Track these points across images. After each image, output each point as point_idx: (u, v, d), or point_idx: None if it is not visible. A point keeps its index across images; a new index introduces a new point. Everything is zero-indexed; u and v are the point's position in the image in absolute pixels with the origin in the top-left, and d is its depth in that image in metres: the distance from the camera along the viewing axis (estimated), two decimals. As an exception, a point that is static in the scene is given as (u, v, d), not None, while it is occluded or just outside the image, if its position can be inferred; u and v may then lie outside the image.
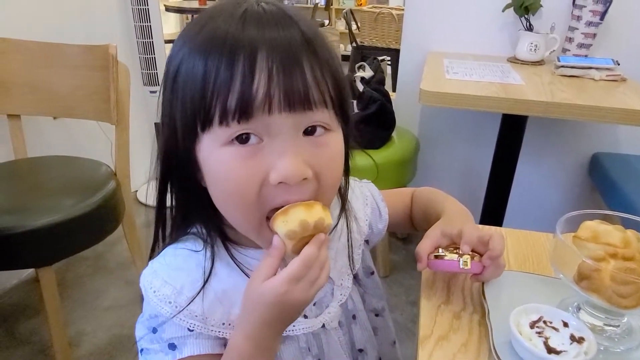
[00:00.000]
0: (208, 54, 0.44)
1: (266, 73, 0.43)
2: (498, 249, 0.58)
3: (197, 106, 0.45)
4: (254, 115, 0.44)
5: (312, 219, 0.47)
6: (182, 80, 0.47)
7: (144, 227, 2.20)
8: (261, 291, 0.47)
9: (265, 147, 0.45)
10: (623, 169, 1.74)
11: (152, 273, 0.53)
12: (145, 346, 0.53)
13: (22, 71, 1.59)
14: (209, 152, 0.47)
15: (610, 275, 0.50)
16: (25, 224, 1.24)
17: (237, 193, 0.46)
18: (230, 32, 0.44)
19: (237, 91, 0.43)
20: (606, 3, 1.63)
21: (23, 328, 1.62)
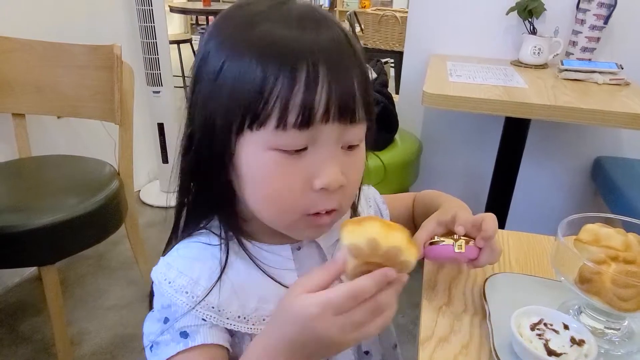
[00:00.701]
0: (269, 56, 0.45)
1: (327, 84, 0.45)
2: (490, 229, 0.58)
3: (250, 103, 0.45)
4: (313, 124, 0.45)
5: (387, 243, 0.42)
6: (232, 77, 0.46)
7: (146, 227, 2.21)
8: (293, 302, 0.43)
9: (308, 155, 0.47)
10: (626, 173, 1.73)
11: (166, 265, 0.53)
12: (154, 339, 0.52)
13: (27, 70, 1.59)
14: (252, 153, 0.47)
15: (612, 278, 0.50)
16: (29, 222, 1.24)
17: (279, 196, 0.48)
18: (290, 37, 0.45)
19: (301, 100, 0.44)
20: (610, 7, 1.63)
21: (25, 326, 1.63)
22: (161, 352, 0.51)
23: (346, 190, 0.50)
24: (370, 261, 0.43)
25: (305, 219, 0.49)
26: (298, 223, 0.50)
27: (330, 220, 0.51)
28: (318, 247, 0.58)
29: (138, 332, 1.76)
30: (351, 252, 0.42)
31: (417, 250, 0.45)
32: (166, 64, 2.31)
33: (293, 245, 0.57)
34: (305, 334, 0.42)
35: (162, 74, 2.30)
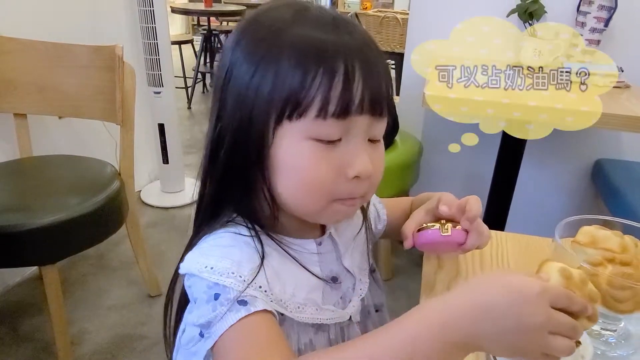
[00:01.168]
0: (308, 53, 0.49)
1: (360, 79, 0.49)
2: (474, 209, 0.61)
3: (291, 95, 0.48)
4: (350, 115, 0.49)
5: (591, 286, 0.46)
6: (271, 75, 0.50)
7: (147, 227, 2.22)
8: (509, 276, 0.42)
9: (341, 145, 0.51)
10: (626, 176, 1.73)
11: (201, 255, 0.52)
12: (205, 320, 0.48)
13: (29, 71, 1.60)
14: (290, 142, 0.50)
15: (608, 280, 0.50)
16: (30, 222, 1.25)
17: (314, 183, 0.51)
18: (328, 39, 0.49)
19: (340, 92, 0.48)
20: (611, 10, 1.63)
21: (26, 326, 1.63)
22: (217, 329, 0.47)
23: (372, 180, 0.54)
24: (572, 290, 0.44)
25: (335, 205, 0.53)
26: (328, 208, 0.53)
27: (357, 205, 0.56)
28: (334, 242, 0.62)
29: (139, 332, 1.77)
30: (562, 273, 0.45)
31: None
32: (167, 64, 2.32)
33: (316, 240, 0.60)
34: (515, 304, 0.40)
35: (163, 74, 2.31)
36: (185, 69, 4.15)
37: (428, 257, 0.72)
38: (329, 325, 0.58)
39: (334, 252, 0.62)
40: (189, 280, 0.52)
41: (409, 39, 1.96)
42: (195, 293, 0.51)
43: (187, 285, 0.53)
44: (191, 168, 2.79)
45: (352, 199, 0.54)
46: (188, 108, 4.09)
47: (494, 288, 0.41)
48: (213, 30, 4.37)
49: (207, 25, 4.26)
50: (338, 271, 0.62)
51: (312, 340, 0.57)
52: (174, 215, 2.39)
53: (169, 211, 2.42)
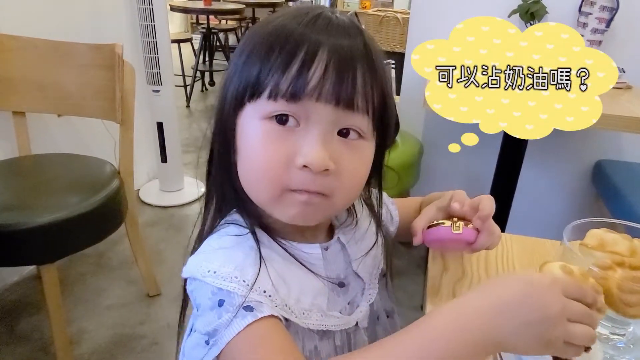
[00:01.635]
0: (274, 39, 0.49)
1: (323, 66, 0.47)
2: (487, 208, 0.60)
3: (251, 79, 0.49)
4: (302, 99, 0.47)
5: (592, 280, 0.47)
6: (245, 58, 0.51)
7: (145, 227, 2.21)
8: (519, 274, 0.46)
9: (300, 132, 0.48)
10: (627, 177, 1.73)
11: (204, 259, 0.51)
12: (212, 327, 0.47)
13: (29, 69, 1.59)
14: (248, 122, 0.50)
15: (618, 284, 0.50)
16: (29, 221, 1.24)
17: (264, 167, 0.49)
18: (298, 28, 0.49)
19: (294, 73, 0.47)
20: (612, 10, 1.63)
21: (24, 325, 1.62)
22: (223, 336, 0.46)
23: (340, 179, 0.49)
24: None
25: (289, 196, 0.50)
26: (281, 199, 0.50)
27: (318, 205, 0.50)
28: (343, 247, 0.60)
29: (137, 332, 1.76)
30: (564, 269, 0.47)
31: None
32: (166, 63, 2.31)
33: (322, 245, 0.58)
34: (529, 295, 0.41)
35: (162, 73, 2.30)
36: (184, 68, 4.13)
37: (433, 259, 0.71)
38: (334, 332, 0.57)
39: (342, 257, 0.60)
40: (192, 285, 0.51)
41: (409, 38, 1.96)
42: (198, 298, 0.50)
43: (190, 289, 0.52)
44: (190, 167, 2.78)
45: (306, 193, 0.49)
46: (187, 107, 4.08)
47: (506, 286, 0.42)
48: (212, 28, 4.35)
49: (207, 24, 4.24)
50: (346, 276, 0.60)
51: (317, 346, 0.55)
52: (173, 214, 2.38)
53: (167, 210, 2.41)
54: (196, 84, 4.25)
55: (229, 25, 5.19)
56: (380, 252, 0.66)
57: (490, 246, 0.62)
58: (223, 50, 4.69)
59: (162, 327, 1.64)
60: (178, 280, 0.54)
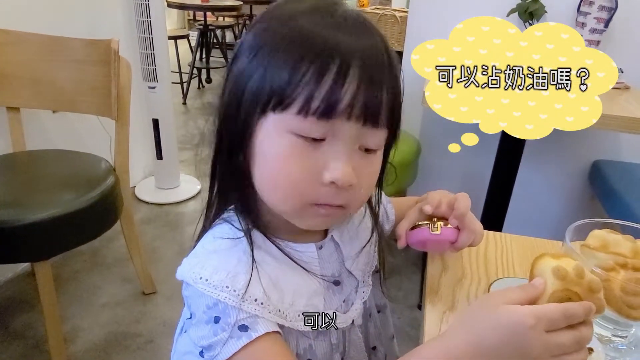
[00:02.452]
0: (303, 46, 0.46)
1: (356, 83, 0.46)
2: (462, 207, 0.61)
3: (278, 86, 0.47)
4: (333, 118, 0.46)
5: (589, 276, 0.44)
6: (267, 58, 0.48)
7: (141, 224, 2.20)
8: (500, 311, 0.42)
9: (324, 146, 0.48)
10: (623, 177, 1.73)
11: (198, 264, 0.51)
12: (207, 343, 0.48)
13: (24, 64, 1.57)
14: (271, 133, 0.48)
15: (621, 286, 0.49)
16: (23, 217, 1.22)
17: (287, 180, 0.49)
18: (328, 34, 0.47)
19: (327, 91, 0.45)
20: (611, 10, 1.63)
21: (17, 322, 1.61)
22: (219, 353, 0.48)
23: (357, 192, 0.50)
24: (570, 289, 0.44)
25: (311, 209, 0.50)
26: (303, 211, 0.50)
27: (336, 215, 0.52)
28: (337, 245, 0.60)
29: (132, 330, 1.75)
30: (557, 274, 0.43)
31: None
32: (162, 59, 2.29)
33: (316, 244, 0.58)
34: (509, 342, 0.41)
35: (158, 69, 2.28)
36: (181, 65, 4.11)
37: (432, 259, 0.71)
38: (330, 330, 0.57)
39: (336, 255, 0.60)
40: (187, 290, 0.51)
41: (408, 37, 1.95)
42: (193, 307, 0.51)
43: (185, 294, 0.52)
44: (186, 164, 2.77)
45: (329, 206, 0.50)
46: (183, 103, 4.06)
47: (485, 327, 0.43)
48: (209, 25, 4.33)
49: (203, 21, 4.23)
50: (340, 274, 0.60)
51: (311, 345, 0.56)
52: (169, 212, 2.37)
53: (163, 207, 2.40)
54: (193, 81, 4.24)
55: (226, 22, 5.18)
56: (373, 249, 0.66)
57: (473, 243, 0.62)
58: (220, 47, 4.68)
59: (158, 325, 1.63)
60: (174, 278, 0.53)
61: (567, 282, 0.44)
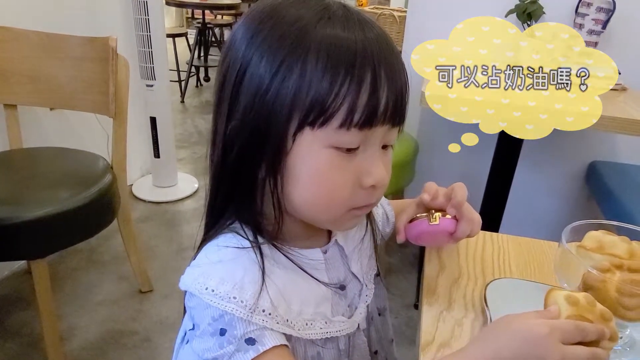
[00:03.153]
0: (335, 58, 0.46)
1: (385, 89, 0.47)
2: (458, 196, 0.61)
3: (315, 102, 0.46)
4: (374, 126, 0.47)
5: (600, 306, 0.46)
6: (295, 77, 0.46)
7: (138, 222, 2.19)
8: (517, 321, 0.44)
9: (359, 154, 0.49)
10: (620, 178, 1.74)
11: (202, 274, 0.49)
12: (212, 356, 0.48)
13: (22, 61, 1.57)
14: (310, 150, 0.48)
15: (617, 287, 0.49)
16: (19, 215, 1.22)
17: (334, 193, 0.50)
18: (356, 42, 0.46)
19: (366, 101, 0.46)
20: (609, 12, 1.63)
21: (13, 320, 1.60)
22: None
23: (384, 188, 0.53)
24: (583, 315, 0.45)
25: (349, 213, 0.52)
26: (344, 217, 0.52)
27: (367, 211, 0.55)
28: (341, 249, 0.60)
29: (129, 328, 1.75)
30: (569, 300, 0.45)
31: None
32: (161, 57, 2.29)
33: (322, 248, 0.58)
34: (527, 352, 0.42)
35: (156, 67, 2.28)
36: (179, 63, 4.11)
37: (429, 259, 0.71)
38: (338, 337, 0.56)
39: (341, 259, 0.60)
40: (192, 301, 0.50)
41: (406, 37, 1.95)
42: (197, 318, 0.50)
43: (190, 305, 0.51)
44: (184, 162, 2.77)
45: (367, 207, 0.53)
46: (181, 102, 4.05)
47: (501, 338, 0.44)
48: (207, 23, 4.33)
49: (202, 19, 4.22)
50: (345, 278, 0.60)
51: (320, 352, 0.55)
52: (166, 210, 2.36)
53: (160, 206, 2.39)
54: (191, 79, 4.23)
55: (225, 21, 5.17)
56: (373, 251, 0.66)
57: (471, 233, 0.63)
58: (218, 45, 4.67)
59: (154, 324, 1.63)
60: (170, 276, 0.53)
61: (579, 309, 0.45)
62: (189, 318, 0.52)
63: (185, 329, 0.55)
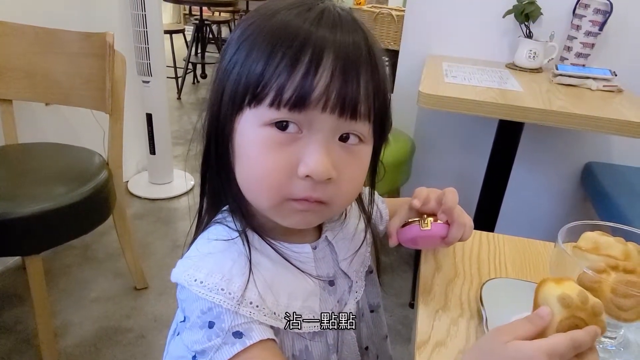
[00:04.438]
0: (277, 38, 0.46)
1: (329, 73, 0.45)
2: (449, 201, 0.61)
3: (252, 81, 0.47)
4: (306, 109, 0.46)
5: (592, 298, 0.45)
6: (245, 53, 0.48)
7: (134, 219, 2.19)
8: (510, 348, 0.42)
9: (301, 140, 0.47)
10: (614, 179, 1.75)
11: (192, 266, 0.50)
12: (200, 348, 0.48)
13: (17, 56, 1.56)
14: (247, 128, 0.48)
15: (612, 288, 0.50)
16: (14, 211, 1.22)
17: (264, 175, 0.48)
18: (303, 26, 0.46)
19: (298, 81, 0.45)
20: (606, 14, 1.64)
21: (7, 316, 1.60)
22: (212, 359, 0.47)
23: (340, 186, 0.49)
24: (575, 315, 0.44)
25: (290, 204, 0.49)
26: (283, 207, 0.50)
27: (317, 211, 0.50)
28: (331, 246, 0.60)
29: (123, 325, 1.74)
30: (562, 302, 0.44)
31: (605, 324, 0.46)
32: (158, 54, 2.28)
33: (311, 244, 0.58)
34: None
35: (153, 64, 2.27)
36: (176, 59, 4.09)
37: (425, 259, 0.71)
38: (326, 331, 0.57)
39: (330, 255, 0.60)
40: (182, 293, 0.51)
41: (404, 36, 1.95)
42: (187, 311, 0.50)
43: (180, 298, 0.52)
44: (180, 159, 2.76)
45: (307, 202, 0.49)
46: (178, 99, 4.04)
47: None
48: (205, 20, 4.31)
49: (199, 15, 4.21)
50: (334, 274, 0.60)
51: (307, 346, 0.55)
52: (162, 207, 2.36)
53: (156, 203, 2.39)
54: (188, 76, 4.22)
55: (222, 18, 5.15)
56: (367, 250, 0.66)
57: (463, 237, 0.62)
58: (216, 42, 4.66)
59: (149, 321, 1.63)
60: (166, 273, 0.53)
61: (573, 309, 0.44)
62: (180, 310, 0.52)
63: (177, 321, 0.56)
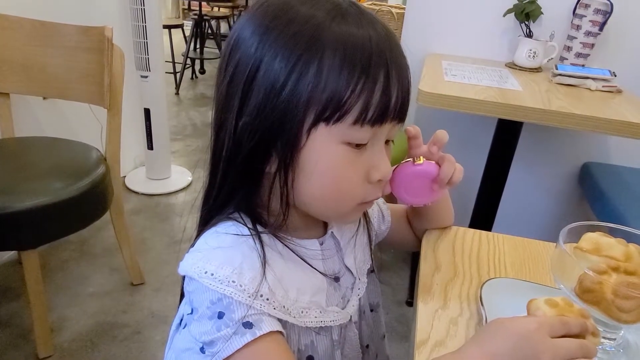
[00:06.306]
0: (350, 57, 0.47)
1: (395, 83, 0.49)
2: (439, 136, 0.64)
3: (332, 101, 0.47)
4: (384, 123, 0.49)
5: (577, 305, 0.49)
6: (312, 74, 0.47)
7: (131, 214, 2.18)
8: (507, 321, 0.46)
9: (367, 149, 0.51)
10: (612, 180, 1.75)
11: (202, 258, 0.50)
12: (209, 338, 0.47)
13: (15, 49, 1.55)
14: (324, 145, 0.49)
15: (613, 289, 0.50)
16: (11, 205, 1.21)
17: (342, 187, 0.51)
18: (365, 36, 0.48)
19: (379, 98, 0.48)
20: (606, 14, 1.64)
21: (3, 311, 1.59)
22: (220, 350, 0.47)
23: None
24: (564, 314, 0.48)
25: (361, 207, 0.55)
26: (354, 210, 0.54)
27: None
28: (336, 241, 0.61)
29: (120, 320, 1.74)
30: (549, 303, 0.49)
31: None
32: (156, 48, 2.27)
33: (318, 239, 0.59)
34: (518, 347, 0.44)
35: (151, 58, 2.26)
36: (175, 54, 4.08)
37: (425, 258, 0.71)
38: (331, 327, 0.58)
39: (336, 251, 0.61)
40: (191, 285, 0.50)
41: (404, 34, 1.95)
42: (196, 302, 0.50)
43: (189, 289, 0.51)
44: (177, 155, 2.75)
45: (373, 201, 0.55)
46: (176, 94, 4.03)
47: (497, 336, 0.45)
48: (204, 15, 4.30)
49: (199, 10, 4.19)
50: (339, 270, 0.61)
51: (313, 341, 0.56)
52: (159, 203, 2.35)
53: (153, 198, 2.38)
54: (186, 71, 4.21)
55: (221, 13, 5.14)
56: (369, 247, 0.67)
57: (454, 177, 0.64)
58: (214, 37, 4.64)
59: (146, 317, 1.63)
60: (162, 269, 0.53)
61: (560, 309, 0.48)
62: (188, 302, 0.52)
63: (181, 314, 0.56)
